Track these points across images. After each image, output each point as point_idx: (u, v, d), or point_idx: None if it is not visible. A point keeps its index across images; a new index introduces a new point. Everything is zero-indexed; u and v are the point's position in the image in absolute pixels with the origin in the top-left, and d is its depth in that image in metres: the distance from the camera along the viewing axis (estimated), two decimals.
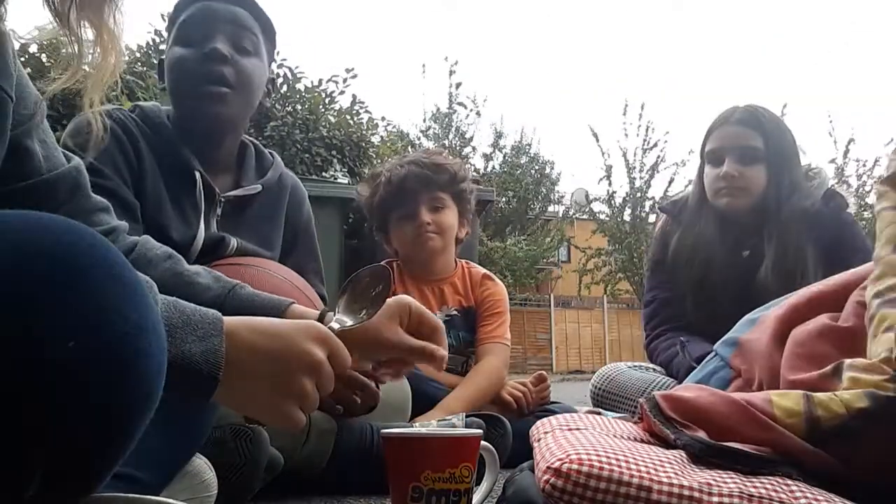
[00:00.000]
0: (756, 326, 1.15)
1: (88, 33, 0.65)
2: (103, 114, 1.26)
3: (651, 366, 1.93)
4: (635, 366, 1.94)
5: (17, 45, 0.67)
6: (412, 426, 1.34)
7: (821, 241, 1.75)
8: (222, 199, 1.36)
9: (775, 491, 0.77)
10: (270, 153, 1.52)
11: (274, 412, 0.67)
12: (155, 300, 0.58)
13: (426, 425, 1.26)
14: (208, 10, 1.35)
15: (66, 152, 0.80)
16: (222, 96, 1.32)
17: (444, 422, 1.30)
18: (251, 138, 1.51)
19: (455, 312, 1.94)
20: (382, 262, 0.75)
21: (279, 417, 0.67)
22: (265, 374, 0.66)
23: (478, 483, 0.85)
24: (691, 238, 1.89)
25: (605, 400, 1.85)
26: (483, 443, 0.84)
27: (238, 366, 0.63)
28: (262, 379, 0.66)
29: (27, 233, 0.45)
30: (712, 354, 1.23)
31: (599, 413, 1.18)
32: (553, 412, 1.54)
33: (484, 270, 2.02)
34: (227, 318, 0.65)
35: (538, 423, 1.01)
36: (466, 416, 1.35)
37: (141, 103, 1.38)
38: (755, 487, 0.78)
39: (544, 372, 1.91)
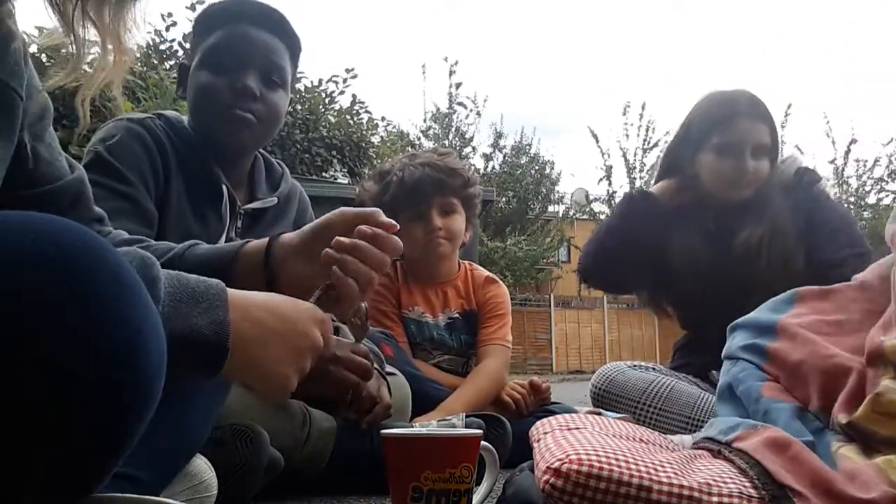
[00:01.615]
0: (781, 336, 1.07)
1: (90, 34, 0.65)
2: (135, 121, 1.27)
3: (651, 365, 1.93)
4: (635, 366, 1.93)
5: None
6: (412, 426, 1.34)
7: (797, 214, 1.79)
8: (242, 212, 1.36)
9: None
10: (279, 163, 1.53)
11: (281, 382, 0.70)
12: (157, 275, 0.60)
13: (426, 425, 1.26)
14: (242, 37, 1.31)
15: (70, 160, 0.80)
16: (248, 121, 1.30)
17: (444, 422, 1.30)
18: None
19: (457, 315, 1.94)
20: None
21: (280, 388, 0.70)
22: (273, 346, 0.68)
23: (478, 483, 0.85)
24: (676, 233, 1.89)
25: (605, 400, 1.85)
26: (483, 443, 0.84)
27: (245, 338, 0.65)
28: (270, 349, 0.68)
29: (28, 234, 0.45)
30: (731, 362, 1.17)
31: (599, 413, 1.18)
32: (553, 412, 1.53)
33: (487, 273, 2.02)
34: (238, 293, 0.67)
35: (538, 423, 1.01)
36: (466, 417, 1.35)
37: (164, 112, 1.36)
38: (755, 488, 0.78)
39: (535, 378, 1.91)
